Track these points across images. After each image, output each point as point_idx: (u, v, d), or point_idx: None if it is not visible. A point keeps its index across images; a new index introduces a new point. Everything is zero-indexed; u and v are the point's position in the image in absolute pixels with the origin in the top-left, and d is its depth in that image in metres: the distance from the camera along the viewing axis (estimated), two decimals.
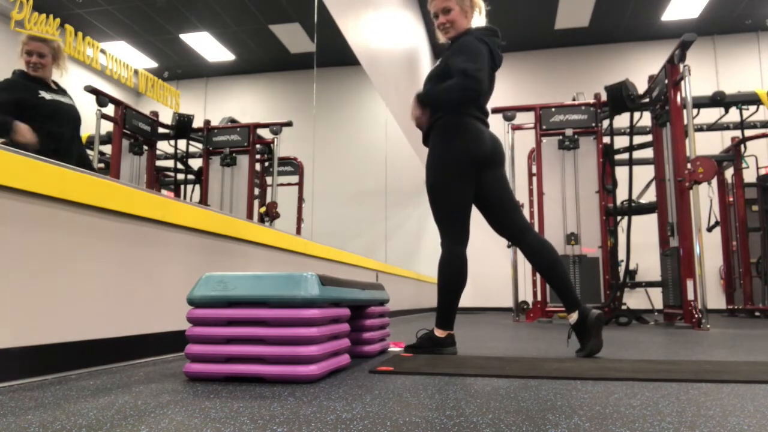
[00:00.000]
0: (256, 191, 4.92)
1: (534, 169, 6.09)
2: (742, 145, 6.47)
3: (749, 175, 6.74)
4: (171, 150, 4.44)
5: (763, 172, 6.61)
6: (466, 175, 2.31)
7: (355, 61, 5.40)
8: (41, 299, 1.58)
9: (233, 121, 4.86)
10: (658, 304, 6.27)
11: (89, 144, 3.24)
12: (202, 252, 2.42)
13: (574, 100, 5.91)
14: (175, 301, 2.20)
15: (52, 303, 1.62)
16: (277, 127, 4.71)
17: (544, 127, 5.42)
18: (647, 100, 5.13)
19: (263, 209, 4.48)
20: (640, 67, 8.45)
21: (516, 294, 5.87)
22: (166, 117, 4.11)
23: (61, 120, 2.44)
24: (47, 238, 1.61)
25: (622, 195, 5.40)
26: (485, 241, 3.74)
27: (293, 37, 5.04)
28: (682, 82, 4.41)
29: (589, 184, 5.28)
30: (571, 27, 9.27)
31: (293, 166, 5.55)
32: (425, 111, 2.39)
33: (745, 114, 5.54)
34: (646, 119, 5.55)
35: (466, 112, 2.33)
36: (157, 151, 4.28)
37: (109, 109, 3.38)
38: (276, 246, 3.16)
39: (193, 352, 1.55)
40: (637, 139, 5.40)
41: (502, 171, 2.43)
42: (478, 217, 2.49)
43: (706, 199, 6.08)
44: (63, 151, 2.35)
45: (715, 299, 8.08)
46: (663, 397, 1.29)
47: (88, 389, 1.39)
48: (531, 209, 6.44)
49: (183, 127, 4.17)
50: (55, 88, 2.49)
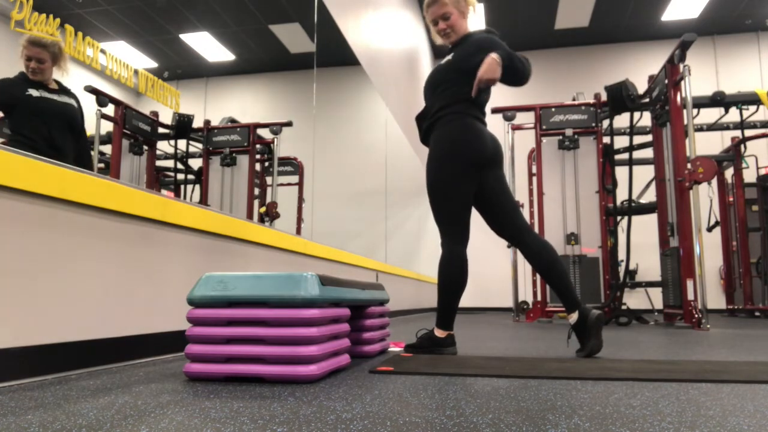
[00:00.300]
0: (256, 191, 4.92)
1: (534, 169, 6.09)
2: (742, 145, 6.47)
3: (749, 175, 6.74)
4: (171, 150, 4.44)
5: (763, 172, 6.60)
6: (468, 174, 2.31)
7: (355, 61, 5.40)
8: (41, 299, 1.58)
9: (233, 121, 4.86)
10: (658, 304, 6.27)
11: (89, 144, 3.23)
12: (202, 252, 2.42)
13: (574, 100, 5.91)
14: (175, 301, 2.20)
15: (52, 303, 1.62)
16: (277, 127, 4.71)
17: (544, 127, 5.42)
18: (647, 100, 5.13)
19: (263, 209, 4.48)
20: (640, 67, 8.46)
21: (516, 294, 5.87)
22: (166, 117, 4.11)
23: (46, 118, 2.44)
24: (47, 238, 1.61)
25: (622, 195, 5.40)
26: (485, 241, 3.74)
27: (293, 37, 5.04)
28: (682, 82, 4.41)
29: (589, 184, 5.28)
30: (571, 27, 9.27)
31: (293, 166, 5.55)
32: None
33: (745, 114, 5.54)
34: (646, 119, 5.55)
35: (468, 112, 2.33)
36: (157, 151, 4.28)
37: (109, 109, 3.38)
38: (276, 246, 3.16)
39: (193, 352, 1.55)
40: (637, 139, 5.40)
41: (501, 171, 2.44)
42: (478, 217, 2.49)
43: (706, 199, 6.09)
44: (47, 149, 2.34)
45: (715, 299, 8.08)
46: (663, 397, 1.29)
47: (88, 389, 1.39)
48: (531, 209, 6.44)
49: (183, 127, 4.17)
50: (54, 87, 2.49)
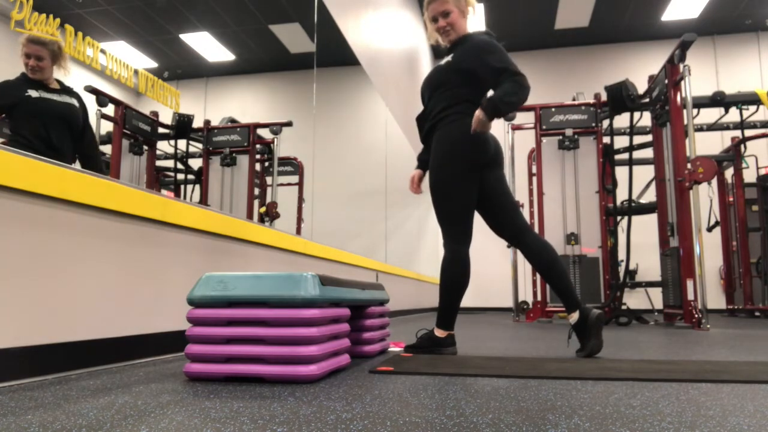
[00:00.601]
0: (256, 191, 4.92)
1: (534, 169, 6.09)
2: (742, 145, 6.47)
3: (749, 175, 6.74)
4: (171, 150, 4.45)
5: (763, 172, 6.60)
6: (470, 175, 2.31)
7: (355, 61, 5.40)
8: (41, 299, 1.58)
9: (233, 121, 4.86)
10: (658, 304, 6.27)
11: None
12: (202, 252, 2.42)
13: (574, 100, 5.91)
14: (175, 301, 2.20)
15: (53, 303, 1.62)
16: (277, 127, 4.71)
17: (544, 127, 5.42)
18: (647, 100, 5.13)
19: (263, 209, 4.48)
20: (640, 67, 8.45)
21: (516, 294, 5.87)
22: (166, 117, 4.11)
23: (45, 118, 2.43)
24: (47, 238, 1.61)
25: (622, 195, 5.40)
26: (485, 241, 3.74)
27: (293, 37, 5.04)
28: (682, 82, 4.41)
29: (589, 184, 5.28)
30: (571, 27, 9.27)
31: (293, 166, 5.55)
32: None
33: (745, 114, 5.54)
34: (646, 119, 5.55)
35: (469, 112, 2.33)
36: (157, 151, 4.28)
37: (109, 109, 3.38)
38: (276, 246, 3.16)
39: (193, 352, 1.55)
40: (637, 139, 5.40)
41: (502, 171, 2.44)
42: (478, 217, 2.49)
43: (706, 199, 6.08)
44: (44, 149, 2.34)
45: (715, 299, 8.08)
46: (663, 397, 1.29)
47: (88, 389, 1.39)
48: (531, 209, 6.44)
49: (183, 127, 4.17)
50: (55, 87, 2.48)
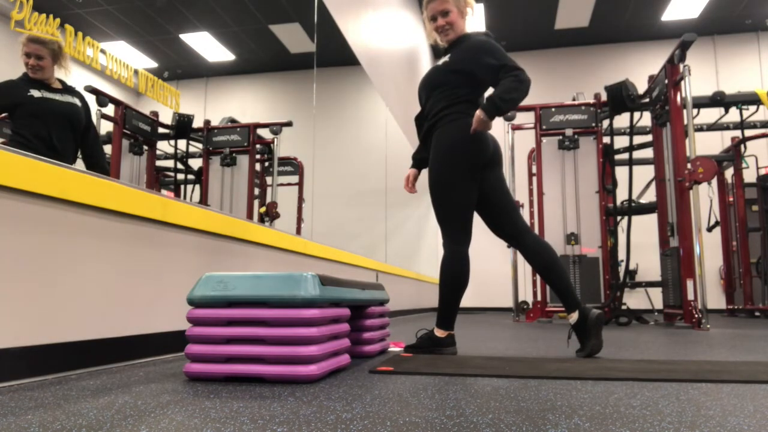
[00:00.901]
0: (256, 191, 4.92)
1: (534, 169, 6.09)
2: (742, 145, 6.47)
3: (749, 175, 6.74)
4: (171, 150, 4.44)
5: (763, 172, 6.60)
6: (469, 175, 2.31)
7: (355, 61, 5.40)
8: (41, 299, 1.58)
9: (233, 121, 4.86)
10: (658, 304, 6.27)
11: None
12: (201, 252, 2.42)
13: (574, 100, 5.91)
14: (175, 301, 2.20)
15: (53, 303, 1.62)
16: (277, 127, 4.71)
17: (544, 127, 5.42)
18: (647, 100, 5.13)
19: (263, 209, 4.48)
20: (640, 67, 8.45)
21: (516, 294, 5.87)
22: (166, 117, 4.11)
23: (47, 118, 2.43)
24: (47, 238, 1.61)
25: (622, 195, 5.40)
26: (485, 242, 3.73)
27: (293, 37, 5.04)
28: (682, 82, 4.41)
29: (589, 184, 5.28)
30: (571, 27, 9.27)
31: (293, 166, 5.55)
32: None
33: (745, 114, 5.54)
34: (646, 119, 5.55)
35: (468, 112, 2.33)
36: (157, 151, 4.28)
37: (110, 109, 3.38)
38: (276, 246, 3.16)
39: (193, 352, 1.55)
40: (637, 139, 5.39)
41: (501, 171, 2.44)
42: (478, 217, 2.49)
43: (706, 199, 6.08)
44: (44, 149, 2.34)
45: (715, 299, 8.08)
46: (663, 397, 1.29)
47: (88, 389, 1.39)
48: (531, 209, 6.44)
49: (183, 127, 4.17)
50: (57, 87, 2.48)
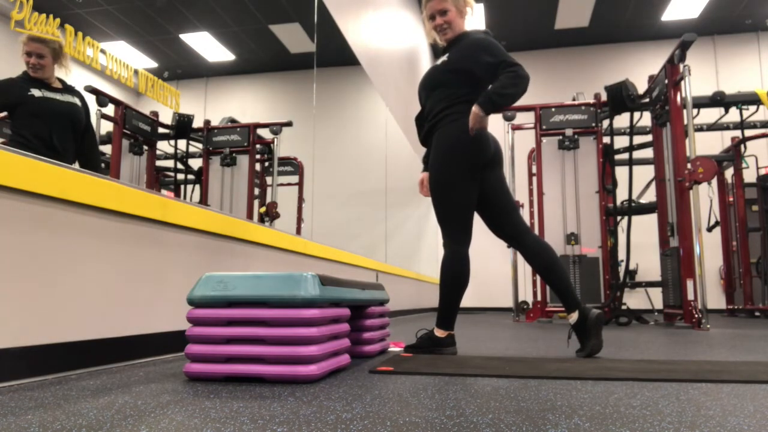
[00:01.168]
0: (256, 191, 4.92)
1: (534, 169, 6.09)
2: (742, 145, 6.47)
3: (749, 175, 6.74)
4: (171, 150, 4.44)
5: (763, 172, 6.60)
6: (470, 175, 2.31)
7: (355, 61, 5.40)
8: (41, 299, 1.58)
9: (233, 121, 4.86)
10: (658, 304, 6.27)
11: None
12: (201, 252, 2.42)
13: (574, 100, 5.91)
14: (175, 301, 2.20)
15: (53, 303, 1.62)
16: (277, 127, 4.71)
17: (544, 127, 5.42)
18: (647, 100, 5.13)
19: (263, 209, 4.48)
20: (640, 67, 8.45)
21: (516, 294, 5.87)
22: (166, 117, 4.10)
23: (48, 118, 2.43)
24: (47, 238, 1.61)
25: (622, 195, 5.40)
26: (485, 242, 3.73)
27: (293, 37, 5.03)
28: (682, 82, 4.41)
29: (589, 184, 5.28)
30: (571, 27, 9.27)
31: (293, 166, 5.55)
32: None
33: (745, 114, 5.54)
34: (646, 119, 5.55)
35: (469, 113, 2.32)
36: (157, 151, 4.27)
37: (109, 109, 3.38)
38: (276, 246, 3.16)
39: (193, 352, 1.55)
40: (637, 139, 5.39)
41: (501, 171, 2.44)
42: (478, 217, 2.49)
43: (706, 199, 6.08)
44: (44, 149, 2.34)
45: (715, 299, 8.08)
46: (663, 397, 1.29)
47: (88, 389, 1.39)
48: (531, 209, 6.44)
49: (183, 127, 4.17)
50: (57, 86, 2.48)
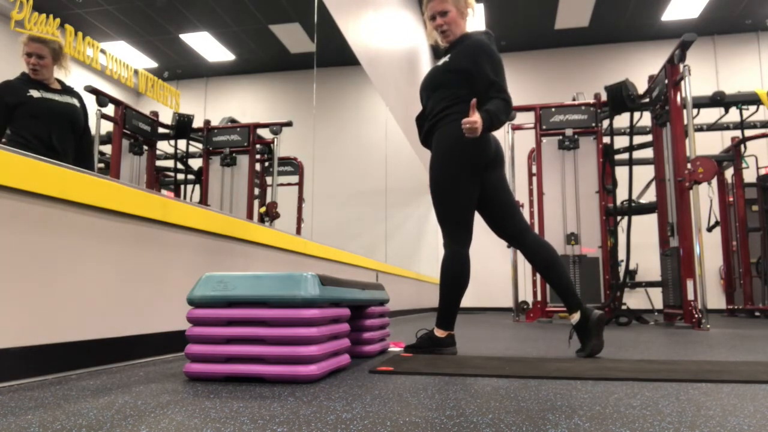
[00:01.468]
0: (256, 191, 4.92)
1: (534, 169, 6.09)
2: (742, 145, 6.47)
3: (749, 175, 6.74)
4: (171, 150, 4.44)
5: (763, 172, 6.61)
6: (471, 176, 2.31)
7: (355, 61, 5.40)
8: (41, 299, 1.58)
9: (233, 121, 4.86)
10: (658, 304, 6.27)
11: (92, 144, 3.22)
12: (201, 252, 2.42)
13: (574, 100, 5.91)
14: (175, 301, 2.20)
15: (53, 303, 1.62)
16: (277, 127, 4.71)
17: (544, 127, 5.42)
18: (647, 100, 5.13)
19: (263, 209, 4.47)
20: (640, 67, 8.45)
21: (516, 294, 5.87)
22: (166, 117, 4.10)
23: (47, 119, 2.43)
24: (47, 238, 1.61)
25: (622, 195, 5.40)
26: (485, 242, 3.74)
27: (293, 37, 5.03)
28: (682, 82, 4.41)
29: (589, 184, 5.28)
30: (571, 27, 9.27)
31: (293, 166, 5.54)
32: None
33: (745, 114, 5.55)
34: (646, 119, 5.55)
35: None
36: (157, 151, 4.27)
37: (109, 109, 3.38)
38: (276, 246, 3.16)
39: (193, 352, 1.55)
40: (637, 139, 5.40)
41: (502, 171, 2.44)
42: (478, 217, 2.49)
43: (706, 199, 6.08)
44: (44, 150, 2.34)
45: (715, 299, 8.08)
46: (663, 397, 1.29)
47: (88, 389, 1.39)
48: (531, 209, 6.44)
49: (183, 127, 4.17)
50: (56, 87, 2.48)
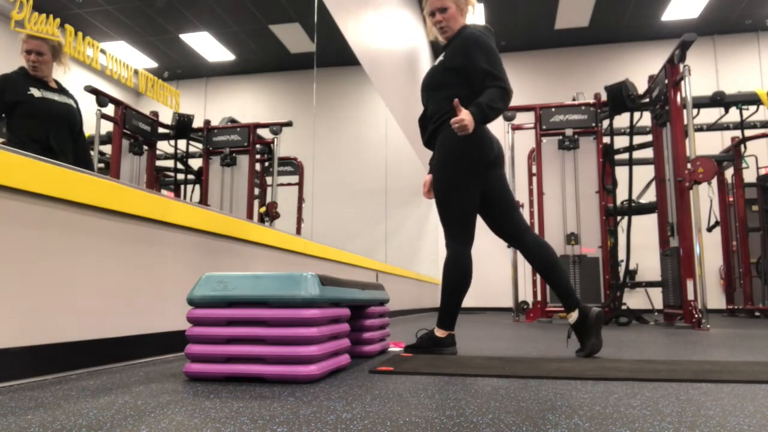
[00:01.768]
0: (256, 191, 4.92)
1: (534, 169, 6.09)
2: (742, 145, 6.47)
3: (749, 175, 6.74)
4: (171, 150, 4.44)
5: (763, 172, 6.61)
6: (473, 176, 2.31)
7: (355, 61, 5.40)
8: (41, 299, 1.58)
9: (233, 121, 4.86)
10: (658, 304, 6.27)
11: (89, 144, 3.23)
12: (202, 252, 2.42)
13: (574, 100, 5.91)
14: (175, 301, 2.20)
15: (53, 303, 1.62)
16: (277, 127, 4.71)
17: (544, 127, 5.42)
18: (647, 100, 5.13)
19: (263, 209, 4.47)
20: (640, 67, 8.46)
21: (516, 294, 5.87)
22: (166, 117, 4.10)
23: (47, 118, 2.43)
24: (47, 238, 1.61)
25: (622, 195, 5.40)
26: (486, 242, 3.74)
27: (293, 37, 5.03)
28: (682, 82, 4.41)
29: (589, 184, 5.28)
30: (571, 27, 9.27)
31: (293, 166, 5.54)
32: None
33: (745, 114, 5.55)
34: (646, 119, 5.55)
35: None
36: (157, 151, 4.27)
37: (109, 109, 3.38)
38: (276, 246, 3.16)
39: (193, 352, 1.55)
40: (637, 139, 5.40)
41: (503, 171, 2.44)
42: (479, 217, 2.49)
43: (706, 199, 6.09)
44: (42, 150, 2.33)
45: (715, 299, 8.08)
46: (663, 397, 1.29)
47: (88, 389, 1.39)
48: (531, 209, 6.44)
49: (183, 127, 4.17)
50: (54, 86, 2.48)
